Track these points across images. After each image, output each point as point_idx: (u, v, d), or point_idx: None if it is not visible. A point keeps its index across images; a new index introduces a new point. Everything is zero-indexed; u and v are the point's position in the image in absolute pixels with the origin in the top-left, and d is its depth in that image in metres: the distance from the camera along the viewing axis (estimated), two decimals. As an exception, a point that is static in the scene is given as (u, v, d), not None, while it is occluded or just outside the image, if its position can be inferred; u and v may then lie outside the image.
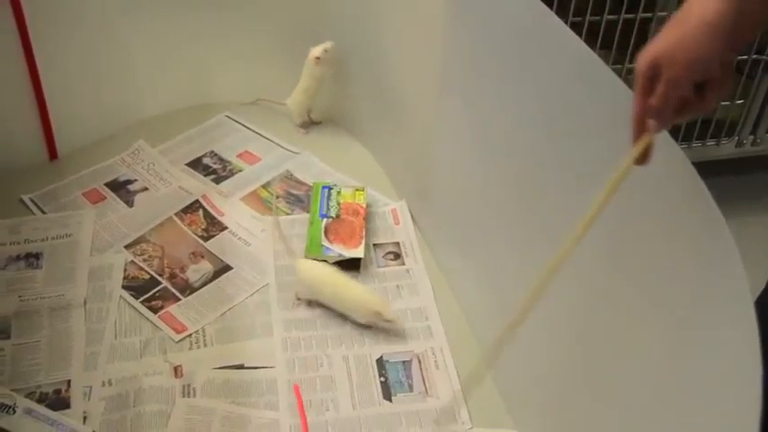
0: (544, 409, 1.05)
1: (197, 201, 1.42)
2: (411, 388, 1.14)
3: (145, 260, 1.30)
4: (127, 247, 1.33)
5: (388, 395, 1.12)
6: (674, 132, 1.73)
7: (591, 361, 0.91)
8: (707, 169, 0.70)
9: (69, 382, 1.12)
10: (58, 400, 1.09)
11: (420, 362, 1.17)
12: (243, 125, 1.64)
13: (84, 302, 1.23)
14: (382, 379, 1.15)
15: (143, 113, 1.63)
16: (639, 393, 0.80)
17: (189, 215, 1.39)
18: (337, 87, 1.61)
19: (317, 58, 1.54)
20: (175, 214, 1.39)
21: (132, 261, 1.30)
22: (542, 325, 1.02)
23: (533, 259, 1.04)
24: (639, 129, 0.69)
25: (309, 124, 1.64)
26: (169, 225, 1.37)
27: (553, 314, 0.99)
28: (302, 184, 1.49)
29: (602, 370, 0.88)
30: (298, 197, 1.46)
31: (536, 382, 1.06)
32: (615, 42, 1.51)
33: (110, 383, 1.12)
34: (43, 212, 1.39)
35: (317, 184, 1.44)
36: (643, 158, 0.70)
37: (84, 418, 1.07)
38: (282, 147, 1.59)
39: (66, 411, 1.08)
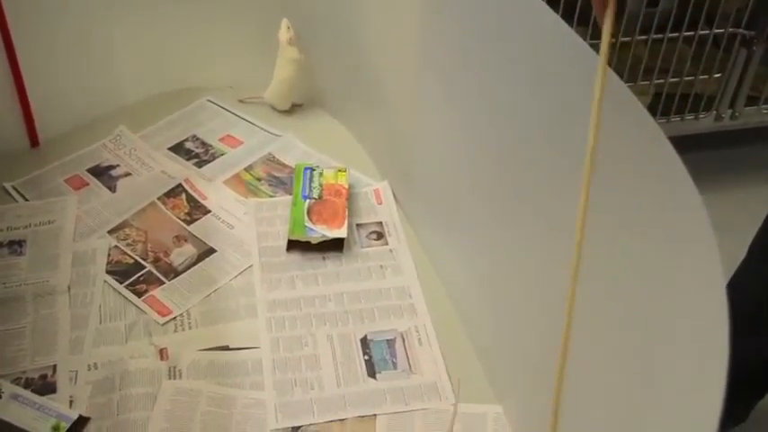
0: (526, 384, 1.06)
1: (180, 185, 1.42)
2: (395, 365, 1.15)
3: (128, 245, 1.31)
4: (110, 232, 1.33)
5: (372, 373, 1.14)
6: (653, 107, 1.75)
7: (571, 338, 0.92)
8: (686, 144, 0.71)
9: (55, 366, 1.12)
10: (44, 385, 1.10)
11: (404, 340, 1.19)
12: (225, 109, 1.64)
13: (69, 288, 1.23)
14: (366, 357, 1.16)
15: (124, 99, 1.62)
16: (614, 369, 0.82)
17: (172, 199, 1.40)
18: (318, 69, 1.61)
19: (290, 38, 1.55)
20: (158, 198, 1.39)
21: (116, 246, 1.30)
22: (525, 303, 1.04)
23: (515, 236, 1.05)
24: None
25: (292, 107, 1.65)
26: (152, 209, 1.38)
27: (535, 294, 1.00)
28: (285, 166, 1.50)
29: (581, 346, 0.90)
30: (280, 179, 1.47)
31: (519, 359, 1.07)
32: (592, 19, 1.51)
33: (95, 367, 1.13)
34: (26, 200, 1.39)
35: (300, 165, 1.44)
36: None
37: (71, 401, 1.08)
38: (264, 130, 1.59)
39: (53, 396, 1.09)
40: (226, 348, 1.17)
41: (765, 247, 1.36)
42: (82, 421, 1.05)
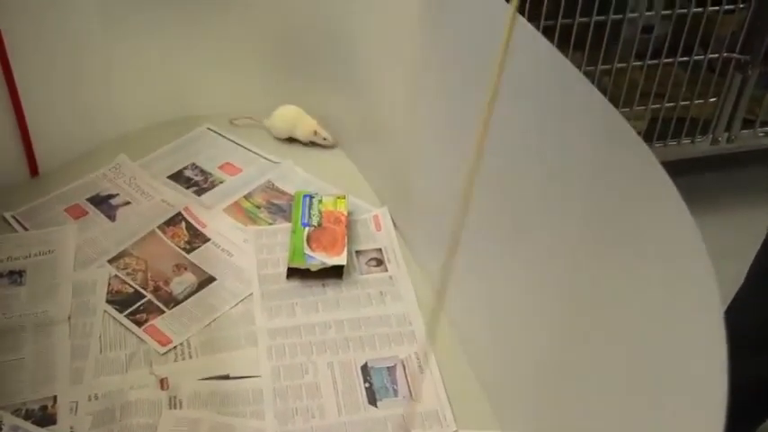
0: (529, 410, 1.06)
1: (179, 213, 1.42)
2: (396, 393, 1.15)
3: (128, 274, 1.31)
4: (110, 261, 1.33)
5: (373, 400, 1.13)
6: (649, 132, 1.76)
7: (571, 361, 0.92)
8: (683, 167, 0.72)
9: (55, 397, 1.12)
10: (44, 417, 1.09)
11: (404, 367, 1.18)
12: (224, 137, 1.65)
13: (69, 318, 1.23)
14: (367, 385, 1.16)
15: (123, 128, 1.63)
16: (616, 393, 0.82)
17: (171, 228, 1.40)
18: (315, 98, 1.62)
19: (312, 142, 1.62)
20: (158, 227, 1.40)
21: (116, 275, 1.30)
22: (525, 327, 1.04)
23: (516, 257, 1.05)
24: None
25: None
26: (152, 238, 1.38)
27: (534, 317, 1.01)
28: (284, 193, 1.50)
29: (582, 370, 0.90)
30: (280, 207, 1.47)
31: (521, 384, 1.07)
32: (588, 44, 1.53)
33: (96, 398, 1.12)
34: (25, 229, 1.39)
35: (299, 193, 1.45)
36: None
37: (71, 433, 1.08)
38: (263, 157, 1.60)
39: (53, 427, 1.08)
40: (226, 377, 1.16)
41: (764, 270, 1.36)
42: (82, 453, 1.05)
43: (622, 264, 0.79)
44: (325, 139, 1.60)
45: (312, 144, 1.61)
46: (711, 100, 1.64)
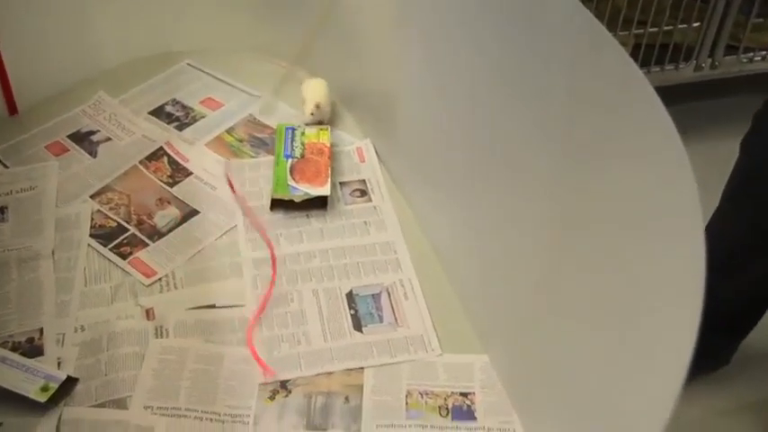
0: (512, 334, 1.07)
1: (161, 148, 1.41)
2: (381, 319, 1.16)
3: (111, 208, 1.30)
4: (92, 196, 1.32)
5: (358, 327, 1.14)
6: (633, 58, 1.75)
7: (552, 282, 0.93)
8: (667, 95, 0.71)
9: (42, 330, 1.13)
10: (31, 348, 1.10)
11: (389, 294, 1.19)
12: (205, 72, 1.63)
13: (53, 252, 1.23)
14: (352, 312, 1.17)
15: (102, 65, 1.60)
16: (593, 313, 0.83)
17: (153, 162, 1.39)
18: (298, 32, 1.60)
19: (312, 114, 1.46)
20: (140, 162, 1.39)
21: (99, 210, 1.30)
22: (507, 251, 1.04)
23: (496, 187, 1.06)
24: None
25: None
26: (134, 173, 1.37)
27: (516, 240, 1.01)
28: (266, 127, 1.49)
29: (563, 290, 0.91)
30: (262, 140, 1.46)
31: (504, 309, 1.08)
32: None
33: (82, 329, 1.13)
34: (6, 167, 1.38)
35: (281, 125, 1.44)
36: None
37: (59, 363, 1.08)
38: (245, 92, 1.58)
39: (41, 358, 1.09)
40: (212, 307, 1.17)
41: (734, 194, 1.38)
42: (70, 382, 1.05)
43: (609, 184, 0.79)
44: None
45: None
46: (695, 25, 1.63)
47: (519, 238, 1.00)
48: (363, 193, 1.36)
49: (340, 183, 1.38)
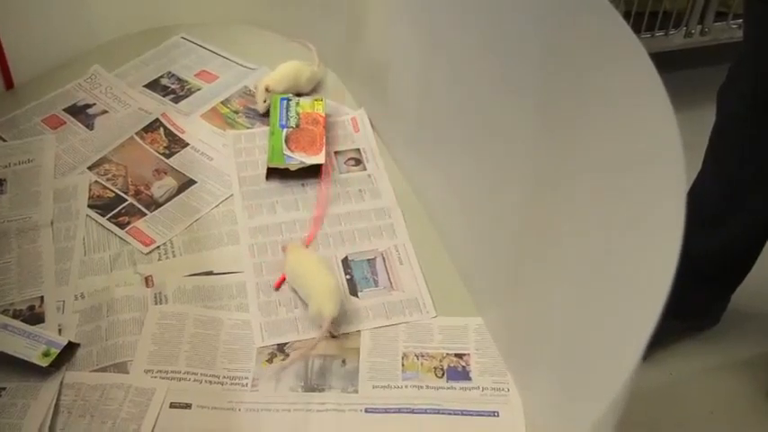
0: (505, 296, 1.09)
1: (157, 119, 1.43)
2: (376, 283, 1.17)
3: (109, 179, 1.32)
4: (90, 168, 1.34)
5: (354, 291, 1.16)
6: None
7: (539, 242, 0.95)
8: (657, 62, 0.72)
9: (42, 298, 1.14)
10: (32, 316, 1.12)
11: (384, 259, 1.21)
12: (199, 45, 1.64)
13: (52, 223, 1.25)
14: (348, 277, 1.18)
15: (98, 39, 1.61)
16: (579, 269, 0.85)
17: (150, 134, 1.41)
18: (293, 5, 1.61)
19: (265, 101, 1.44)
20: (136, 134, 1.40)
21: (96, 181, 1.31)
22: (497, 213, 1.06)
23: (485, 151, 1.07)
24: None
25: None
26: (131, 145, 1.39)
27: (505, 202, 1.03)
28: (261, 98, 1.50)
29: (549, 249, 0.92)
30: (257, 111, 1.47)
31: (497, 272, 1.10)
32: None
33: (82, 297, 1.15)
34: (3, 140, 1.39)
35: (276, 96, 1.45)
36: None
37: (60, 330, 1.10)
38: (239, 64, 1.59)
39: (42, 325, 1.11)
40: (210, 273, 1.19)
41: (713, 155, 1.41)
42: (72, 347, 1.07)
43: (599, 145, 0.80)
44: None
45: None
46: (685, -9, 1.64)
47: (508, 199, 1.02)
48: (358, 161, 1.38)
49: (335, 152, 1.39)
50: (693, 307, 1.60)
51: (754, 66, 1.33)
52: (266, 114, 1.43)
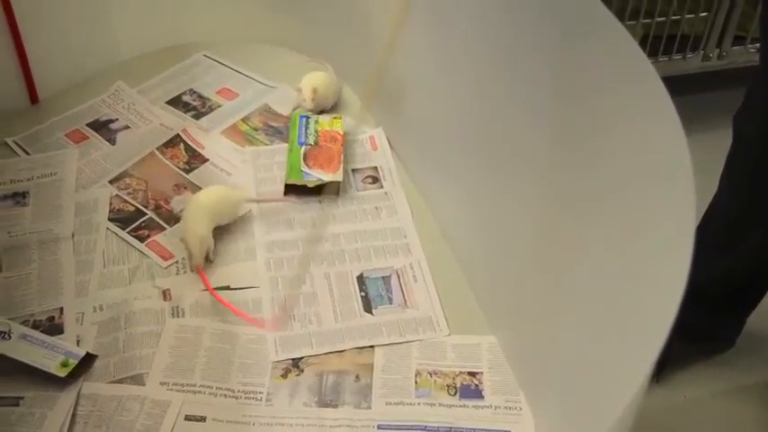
0: (519, 315, 1.09)
1: (177, 135, 1.45)
2: (391, 301, 1.18)
3: (129, 194, 1.34)
4: (111, 182, 1.36)
5: (368, 308, 1.17)
6: (640, 47, 1.77)
7: (554, 262, 0.96)
8: (675, 85, 0.73)
9: (62, 309, 1.16)
10: (51, 327, 1.14)
11: (399, 277, 1.22)
12: (221, 63, 1.66)
13: (72, 235, 1.27)
14: (363, 294, 1.19)
15: (120, 56, 1.64)
16: (590, 289, 0.85)
17: (170, 149, 1.43)
18: (312, 25, 1.63)
19: (313, 99, 1.48)
20: (157, 149, 1.43)
21: (117, 195, 1.34)
22: (511, 230, 1.07)
23: (501, 172, 1.08)
24: None
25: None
26: (151, 159, 1.41)
27: (518, 220, 1.04)
28: (281, 116, 1.52)
29: (563, 270, 0.93)
30: (277, 129, 1.49)
31: (511, 291, 1.11)
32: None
33: (101, 309, 1.17)
34: (27, 154, 1.42)
35: (296, 113, 1.47)
36: None
37: (78, 341, 1.12)
38: (260, 82, 1.61)
39: (60, 336, 1.12)
40: (227, 288, 1.20)
41: (729, 178, 1.42)
42: (90, 358, 1.09)
43: (610, 167, 0.81)
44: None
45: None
46: (702, 15, 1.64)
47: (523, 218, 1.02)
48: (375, 179, 1.39)
49: (352, 170, 1.40)
50: (707, 330, 1.60)
51: None
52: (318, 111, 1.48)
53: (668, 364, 1.58)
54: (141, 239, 1.26)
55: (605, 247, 0.82)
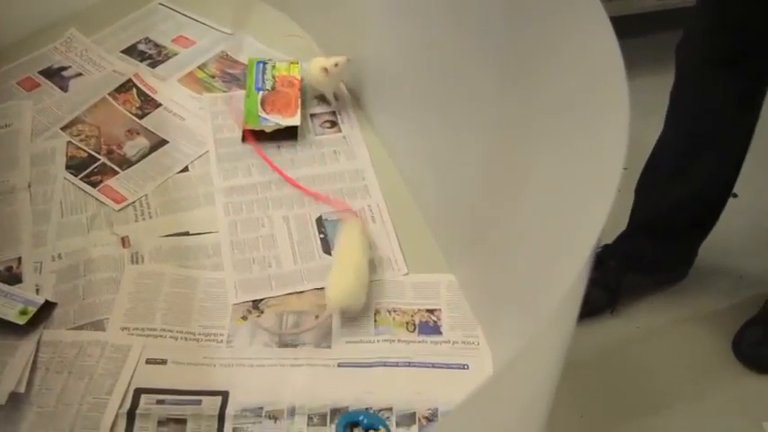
0: (476, 253, 1.11)
1: (129, 80, 1.44)
2: (349, 242, 1.19)
3: (82, 140, 1.33)
4: (63, 128, 1.35)
5: (327, 249, 1.18)
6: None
7: (502, 193, 0.97)
8: (630, 25, 0.72)
9: (20, 258, 1.16)
10: (9, 276, 1.13)
11: (358, 218, 1.23)
12: (177, 11, 1.64)
13: (29, 186, 1.26)
14: (322, 235, 1.20)
15: (76, 5, 1.61)
16: (536, 212, 0.86)
17: (122, 95, 1.42)
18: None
19: (325, 69, 1.37)
20: (109, 94, 1.41)
21: (69, 141, 1.33)
22: (470, 177, 1.08)
23: (455, 112, 1.08)
24: None
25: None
26: (103, 105, 1.40)
27: (478, 168, 1.04)
28: (238, 63, 1.51)
29: (510, 197, 0.94)
30: (234, 76, 1.48)
31: (469, 230, 1.12)
32: None
33: (59, 257, 1.16)
34: (-20, 104, 1.40)
35: (252, 59, 1.45)
36: None
37: (37, 289, 1.12)
38: (217, 29, 1.59)
39: (20, 285, 1.12)
40: (186, 234, 1.20)
41: (672, 112, 1.44)
42: (49, 306, 1.09)
43: (544, 90, 0.82)
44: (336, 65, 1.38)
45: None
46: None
47: (474, 154, 1.03)
48: (333, 123, 1.39)
49: (311, 115, 1.40)
50: (660, 261, 1.63)
51: (706, 22, 1.35)
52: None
53: (622, 295, 1.62)
54: (94, 185, 1.26)
55: (548, 173, 0.83)
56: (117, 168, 1.28)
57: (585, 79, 0.74)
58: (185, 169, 1.30)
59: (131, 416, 0.98)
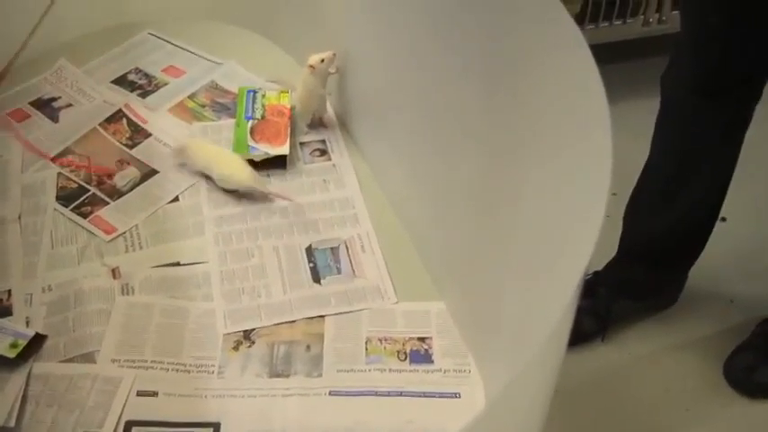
0: (466, 281, 1.11)
1: (119, 110, 1.45)
2: (339, 271, 1.19)
3: (72, 171, 1.34)
4: (53, 159, 1.35)
5: (317, 279, 1.18)
6: (582, 14, 1.79)
7: (491, 222, 0.98)
8: (615, 51, 0.74)
9: (9, 291, 1.16)
10: (0, 309, 1.13)
11: (348, 247, 1.23)
12: (166, 41, 1.65)
13: (19, 217, 1.26)
14: (311, 265, 1.20)
15: (65, 35, 1.62)
16: (523, 244, 0.87)
17: (113, 125, 1.42)
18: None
19: (311, 66, 1.37)
20: (99, 125, 1.42)
21: (60, 172, 1.33)
22: (461, 204, 1.09)
23: (446, 143, 1.09)
24: None
25: (318, 125, 1.46)
26: (93, 136, 1.41)
27: (470, 195, 1.05)
28: (228, 92, 1.52)
29: (500, 226, 0.95)
30: (224, 105, 1.49)
31: (459, 257, 1.12)
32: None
33: (50, 289, 1.16)
34: (-30, 135, 1.40)
35: (242, 89, 1.47)
36: None
37: (27, 321, 1.12)
38: (206, 59, 1.61)
39: (9, 318, 1.12)
40: (177, 264, 1.20)
41: (659, 139, 1.46)
42: (39, 338, 1.08)
43: (529, 119, 0.83)
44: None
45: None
46: (641, -20, 1.67)
47: (464, 185, 1.04)
48: (323, 152, 1.39)
49: (300, 143, 1.41)
50: (650, 287, 1.64)
51: (690, 54, 1.37)
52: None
53: (612, 322, 1.63)
54: (85, 216, 1.26)
55: (535, 201, 0.84)
56: (107, 199, 1.29)
57: (567, 103, 0.75)
58: (176, 199, 1.30)
59: (122, 449, 0.97)
